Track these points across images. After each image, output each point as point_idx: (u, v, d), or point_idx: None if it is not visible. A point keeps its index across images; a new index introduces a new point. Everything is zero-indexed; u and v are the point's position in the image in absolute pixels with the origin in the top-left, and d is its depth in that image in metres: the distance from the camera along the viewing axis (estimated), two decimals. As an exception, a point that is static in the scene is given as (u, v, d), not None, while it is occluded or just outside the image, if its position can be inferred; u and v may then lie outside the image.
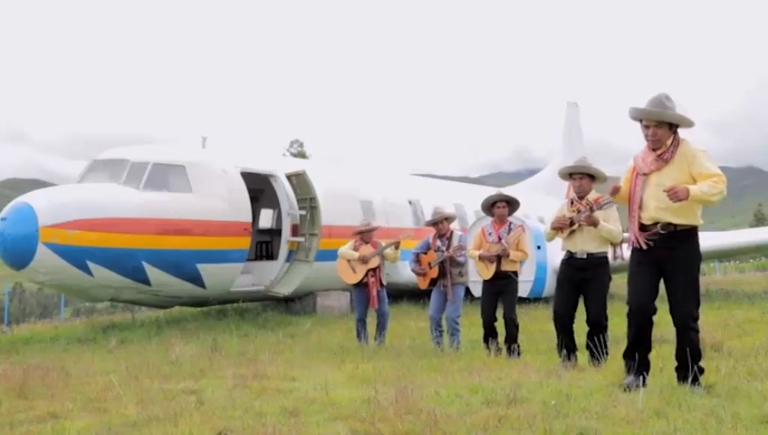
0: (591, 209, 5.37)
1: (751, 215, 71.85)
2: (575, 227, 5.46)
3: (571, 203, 5.64)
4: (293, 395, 4.51)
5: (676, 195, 3.90)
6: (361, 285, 7.81)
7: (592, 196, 5.59)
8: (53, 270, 9.53)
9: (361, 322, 7.89)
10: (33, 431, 3.92)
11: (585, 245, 5.47)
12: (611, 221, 5.48)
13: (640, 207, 4.19)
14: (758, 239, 15.32)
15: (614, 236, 5.47)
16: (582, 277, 5.48)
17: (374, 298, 7.71)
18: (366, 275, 7.74)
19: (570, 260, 5.56)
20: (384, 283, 7.92)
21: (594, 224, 5.39)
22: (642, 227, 4.19)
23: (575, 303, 5.58)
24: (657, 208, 4.12)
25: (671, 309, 4.15)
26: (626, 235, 4.62)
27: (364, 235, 7.94)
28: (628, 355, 4.27)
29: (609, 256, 5.57)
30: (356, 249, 7.87)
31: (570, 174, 5.70)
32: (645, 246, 4.15)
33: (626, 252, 4.58)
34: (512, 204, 6.80)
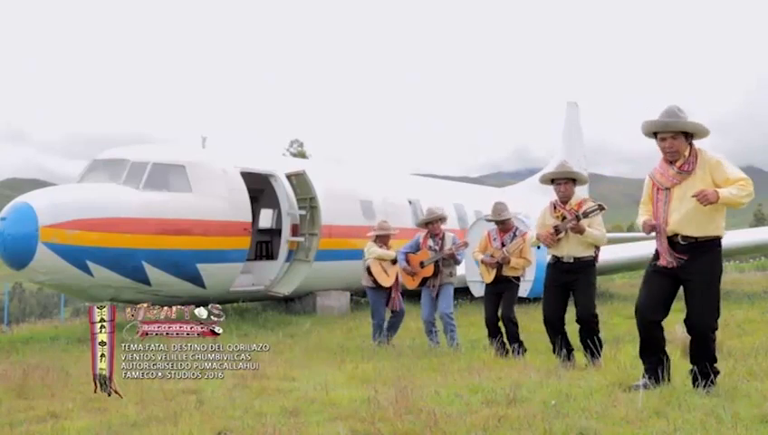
0: (577, 217, 5.35)
1: (751, 215, 71.86)
2: (561, 235, 5.45)
3: (554, 208, 5.63)
4: (293, 395, 4.51)
5: (705, 198, 3.82)
6: (381, 289, 7.78)
7: (575, 200, 5.59)
8: (53, 270, 9.52)
9: (380, 325, 7.84)
10: (33, 431, 3.92)
11: (571, 250, 5.48)
12: (595, 226, 5.48)
13: (665, 222, 4.09)
14: (758, 239, 15.30)
15: (599, 242, 5.49)
16: (570, 279, 5.49)
17: (394, 300, 7.75)
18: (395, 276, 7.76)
19: (556, 264, 5.55)
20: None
21: (580, 232, 5.38)
22: (669, 241, 4.09)
23: (564, 304, 5.59)
24: (678, 221, 4.03)
25: (689, 318, 4.08)
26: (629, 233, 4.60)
27: (382, 237, 7.93)
28: (641, 355, 4.28)
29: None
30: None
31: (552, 180, 5.70)
32: (676, 264, 4.05)
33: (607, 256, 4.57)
34: (505, 222, 6.77)
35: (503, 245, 6.60)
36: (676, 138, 4.07)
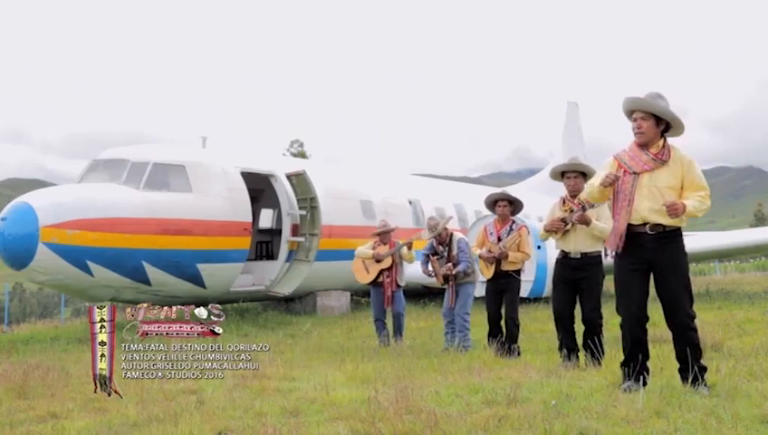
0: (584, 208, 5.36)
1: (751, 215, 71.92)
2: (569, 227, 5.47)
3: (563, 202, 5.66)
4: (293, 395, 4.51)
5: (675, 212, 3.93)
6: (378, 285, 7.83)
7: (584, 195, 5.59)
8: (53, 270, 9.52)
9: (379, 321, 7.91)
10: (33, 431, 3.92)
11: (579, 244, 5.48)
12: (603, 219, 5.47)
13: (630, 206, 4.12)
14: (758, 239, 15.28)
15: (606, 235, 5.47)
16: (577, 276, 5.49)
17: (388, 298, 7.74)
18: (380, 274, 7.76)
19: (564, 260, 5.57)
20: (401, 283, 7.91)
21: (587, 222, 5.39)
22: (629, 227, 4.13)
23: (573, 301, 5.59)
24: (650, 210, 4.06)
25: (667, 311, 4.11)
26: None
27: (382, 236, 7.95)
28: (625, 363, 4.23)
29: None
30: (373, 249, 7.89)
31: (562, 174, 5.72)
32: (620, 250, 4.13)
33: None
34: (514, 204, 6.74)
35: (499, 239, 6.52)
36: (646, 119, 4.11)
